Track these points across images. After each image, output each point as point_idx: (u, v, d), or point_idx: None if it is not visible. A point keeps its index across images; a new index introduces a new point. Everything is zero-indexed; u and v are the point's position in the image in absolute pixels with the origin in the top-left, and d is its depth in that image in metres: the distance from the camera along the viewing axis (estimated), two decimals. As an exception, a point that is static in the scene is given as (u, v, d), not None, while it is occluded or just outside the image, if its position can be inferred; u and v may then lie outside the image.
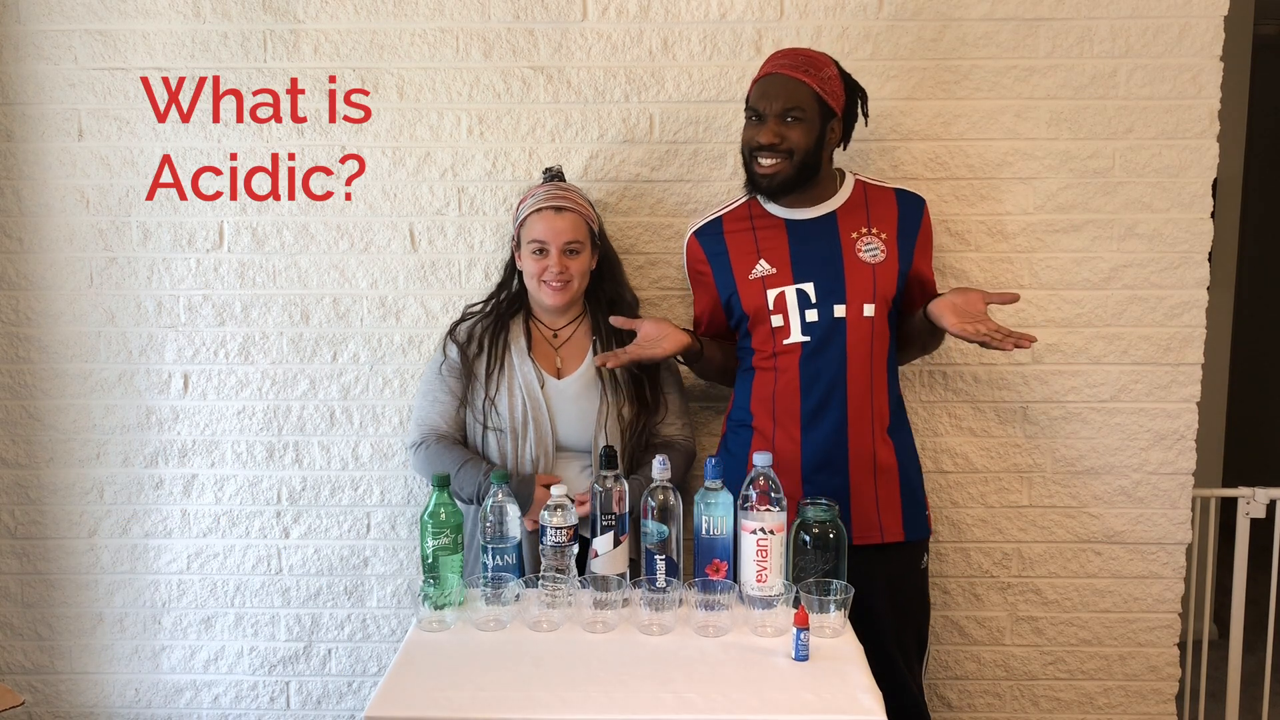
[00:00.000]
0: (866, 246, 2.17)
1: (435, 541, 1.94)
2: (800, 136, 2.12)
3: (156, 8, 2.49)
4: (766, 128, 2.12)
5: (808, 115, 2.12)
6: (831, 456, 2.16)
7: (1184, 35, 2.42)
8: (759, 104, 2.14)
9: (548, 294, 2.24)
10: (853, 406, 2.16)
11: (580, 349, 2.29)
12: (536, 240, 2.22)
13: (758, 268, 2.20)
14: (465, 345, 2.29)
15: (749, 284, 2.20)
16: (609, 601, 1.88)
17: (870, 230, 2.19)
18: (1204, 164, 2.46)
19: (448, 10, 2.47)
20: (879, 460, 2.18)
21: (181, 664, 2.69)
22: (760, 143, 2.13)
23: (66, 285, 2.58)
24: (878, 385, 2.18)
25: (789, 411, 2.18)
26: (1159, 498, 2.56)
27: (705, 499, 1.93)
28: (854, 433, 2.16)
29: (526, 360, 2.25)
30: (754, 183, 2.19)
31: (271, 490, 2.63)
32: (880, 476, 2.18)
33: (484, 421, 2.25)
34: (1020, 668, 2.62)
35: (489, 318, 2.32)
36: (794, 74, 2.12)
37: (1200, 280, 2.50)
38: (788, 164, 2.13)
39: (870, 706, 1.61)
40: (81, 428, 2.61)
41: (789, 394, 2.18)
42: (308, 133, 2.52)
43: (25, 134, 2.53)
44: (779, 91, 2.12)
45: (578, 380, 2.25)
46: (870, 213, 2.21)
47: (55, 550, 2.66)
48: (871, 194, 2.23)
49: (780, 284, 2.18)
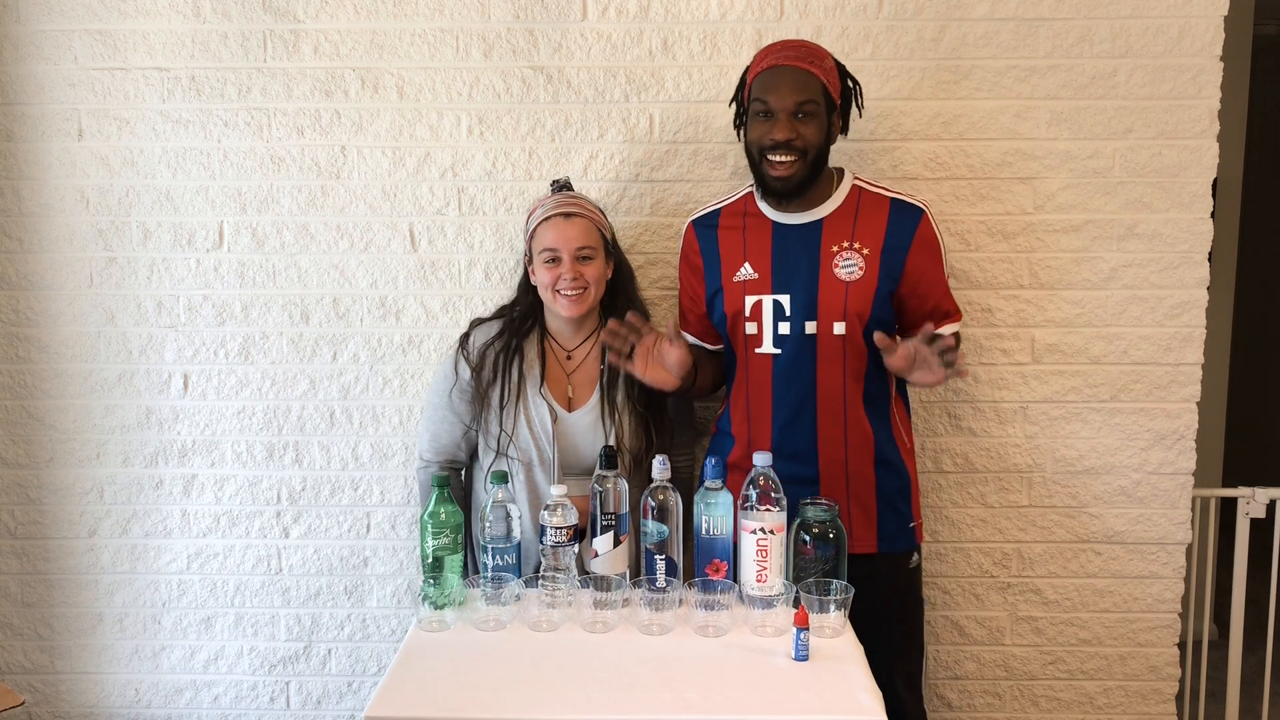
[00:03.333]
0: (844, 262, 2.09)
1: (435, 541, 1.94)
2: (814, 133, 2.03)
3: (156, 8, 2.49)
4: (780, 123, 2.01)
5: (819, 110, 2.04)
6: (801, 472, 2.12)
7: (1184, 35, 2.42)
8: (768, 98, 2.02)
9: (563, 305, 2.19)
10: (823, 424, 2.11)
11: (590, 378, 2.26)
12: (548, 249, 2.18)
13: (742, 271, 2.15)
14: (478, 368, 2.25)
15: (732, 286, 2.16)
16: (609, 601, 1.88)
17: (852, 245, 2.10)
18: (1204, 164, 2.46)
19: (448, 10, 2.47)
20: (851, 475, 2.13)
21: (181, 664, 2.69)
22: (776, 140, 2.01)
23: (66, 285, 2.58)
24: (852, 403, 2.12)
25: (762, 422, 2.15)
26: (1159, 498, 2.56)
27: (705, 499, 1.93)
28: (824, 449, 2.12)
29: (539, 396, 2.21)
30: (766, 186, 2.09)
31: (271, 490, 2.63)
32: (853, 489, 2.14)
33: (498, 449, 2.23)
34: (1020, 668, 2.62)
35: (502, 337, 2.27)
36: (802, 65, 2.03)
37: (1200, 280, 2.50)
38: (802, 163, 2.04)
39: (870, 706, 1.61)
40: (81, 428, 2.61)
41: (761, 405, 2.15)
42: (308, 132, 2.52)
43: (25, 134, 2.53)
44: (790, 85, 2.02)
45: (588, 414, 2.22)
46: (858, 224, 2.11)
47: (55, 550, 2.66)
48: (865, 202, 2.13)
49: (759, 291, 2.13)
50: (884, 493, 2.16)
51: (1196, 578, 2.89)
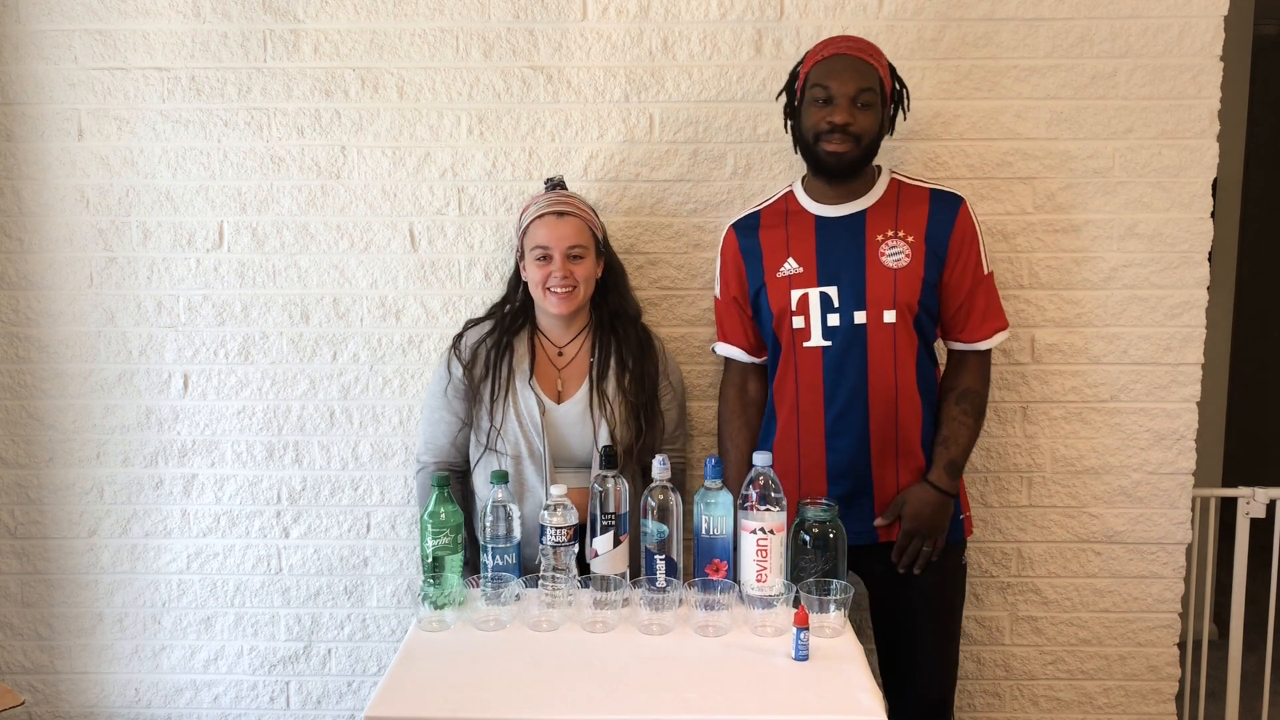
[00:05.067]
0: (890, 250, 2.11)
1: (435, 541, 1.94)
2: (870, 122, 2.07)
3: (156, 8, 2.49)
4: (839, 107, 2.04)
5: (876, 100, 2.08)
6: (855, 466, 2.14)
7: (1184, 35, 2.42)
8: (829, 83, 2.06)
9: (553, 302, 2.21)
10: (875, 414, 2.12)
11: (580, 371, 2.27)
12: (540, 246, 2.20)
13: (786, 266, 2.17)
14: (470, 366, 2.26)
15: (776, 281, 2.17)
16: (609, 601, 1.88)
17: (897, 234, 2.12)
18: (1204, 164, 2.46)
19: (448, 10, 2.47)
20: (902, 470, 2.15)
21: (181, 664, 2.69)
22: (834, 122, 2.04)
23: (66, 285, 2.58)
24: (905, 392, 2.13)
25: (813, 415, 2.16)
26: (1159, 498, 2.56)
27: (705, 499, 1.93)
28: (876, 439, 2.13)
29: (528, 387, 2.23)
30: (820, 163, 2.11)
31: (271, 490, 2.63)
32: (903, 480, 2.15)
33: (486, 444, 2.24)
34: (1020, 668, 2.62)
35: (493, 334, 2.28)
36: (863, 56, 2.07)
37: (1200, 280, 2.50)
38: (856, 148, 2.07)
39: (870, 706, 1.61)
40: (81, 428, 2.61)
41: (812, 398, 2.15)
42: (308, 132, 2.52)
43: (25, 134, 2.53)
44: (851, 73, 2.05)
45: (577, 405, 2.23)
46: (900, 214, 2.14)
47: (55, 550, 2.66)
48: (905, 194, 2.16)
49: (805, 285, 2.15)
50: None
51: (1196, 578, 2.89)
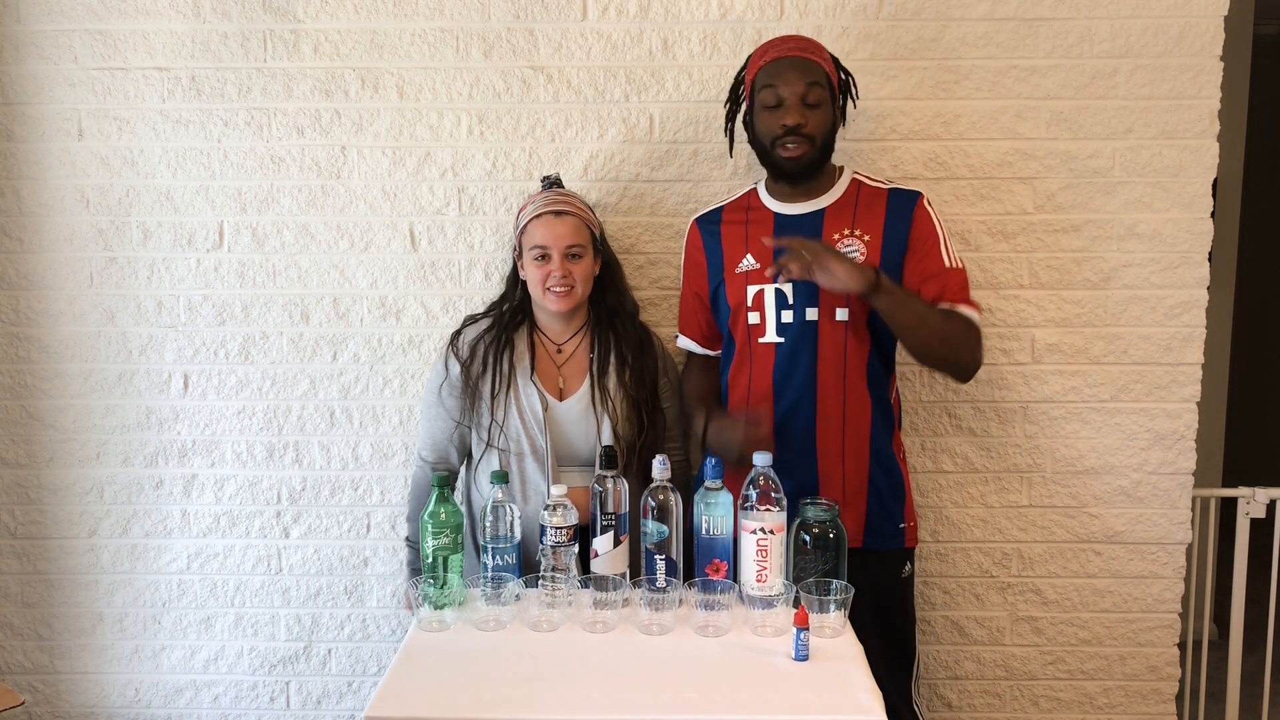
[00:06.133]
0: (846, 248, 2.11)
1: (435, 541, 1.94)
2: (821, 119, 2.09)
3: (156, 8, 2.49)
4: (791, 108, 2.06)
5: (825, 96, 2.09)
6: (797, 465, 2.12)
7: (1184, 35, 2.42)
8: (778, 86, 2.07)
9: (552, 301, 2.21)
10: (822, 411, 2.12)
11: (580, 368, 2.27)
12: (538, 246, 2.20)
13: (744, 262, 2.19)
14: (468, 363, 2.25)
15: (734, 277, 2.19)
16: (609, 601, 1.88)
17: (853, 232, 2.13)
18: (1204, 164, 2.46)
19: (448, 10, 2.47)
20: (848, 469, 2.14)
21: (181, 664, 2.69)
22: (787, 125, 2.05)
23: (66, 285, 2.58)
24: (853, 392, 2.13)
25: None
26: (1159, 498, 2.56)
27: (705, 499, 1.93)
28: (822, 437, 2.13)
29: (530, 383, 2.22)
30: (778, 169, 2.13)
31: (271, 490, 2.63)
32: (849, 484, 2.14)
33: (488, 441, 2.23)
34: (1020, 668, 2.62)
35: (492, 332, 2.28)
36: (805, 55, 2.08)
37: (1200, 280, 2.50)
38: (812, 149, 2.09)
39: (870, 706, 1.61)
40: (81, 428, 2.61)
41: (762, 394, 2.16)
42: (308, 132, 2.52)
43: (25, 134, 2.53)
44: (796, 73, 2.07)
45: (579, 402, 2.23)
46: (858, 213, 2.15)
47: (55, 550, 2.66)
48: (864, 194, 2.17)
49: (761, 281, 2.16)
50: (875, 487, 2.16)
51: (1196, 578, 2.89)
